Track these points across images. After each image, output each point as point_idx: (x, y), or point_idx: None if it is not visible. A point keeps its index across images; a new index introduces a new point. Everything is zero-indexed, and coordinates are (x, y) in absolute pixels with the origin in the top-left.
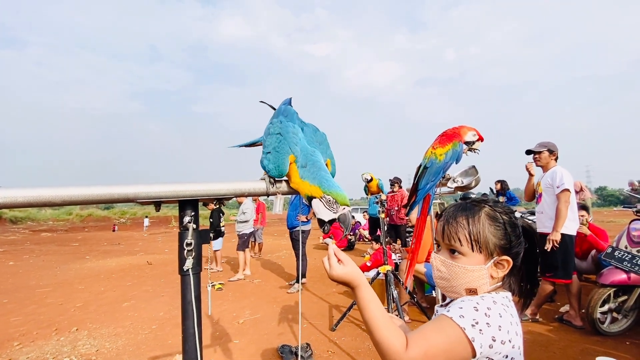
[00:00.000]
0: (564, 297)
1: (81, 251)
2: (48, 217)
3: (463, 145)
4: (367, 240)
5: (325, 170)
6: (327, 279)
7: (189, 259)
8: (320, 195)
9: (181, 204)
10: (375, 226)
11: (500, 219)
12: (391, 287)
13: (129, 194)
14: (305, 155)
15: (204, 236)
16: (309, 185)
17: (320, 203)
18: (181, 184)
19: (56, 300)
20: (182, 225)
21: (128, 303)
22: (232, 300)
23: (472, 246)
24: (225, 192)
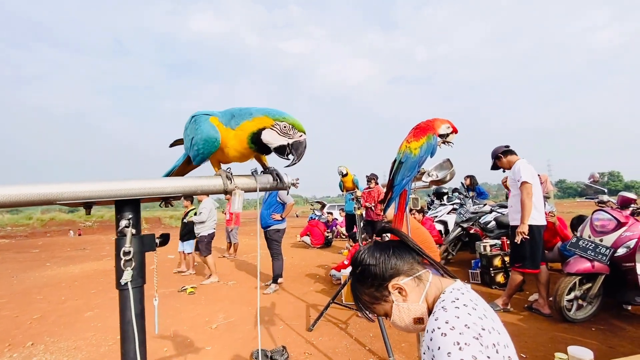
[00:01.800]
0: (532, 286)
1: (41, 258)
2: (6, 222)
3: (437, 138)
4: (344, 237)
5: (258, 106)
6: (304, 277)
7: (128, 270)
8: (270, 123)
9: (118, 205)
10: (351, 223)
11: (366, 271)
12: None
13: (50, 194)
14: (227, 112)
15: (147, 242)
16: (248, 122)
17: (273, 131)
18: (117, 182)
19: (11, 312)
20: (119, 230)
21: (91, 312)
22: (204, 304)
23: (376, 303)
24: (172, 191)
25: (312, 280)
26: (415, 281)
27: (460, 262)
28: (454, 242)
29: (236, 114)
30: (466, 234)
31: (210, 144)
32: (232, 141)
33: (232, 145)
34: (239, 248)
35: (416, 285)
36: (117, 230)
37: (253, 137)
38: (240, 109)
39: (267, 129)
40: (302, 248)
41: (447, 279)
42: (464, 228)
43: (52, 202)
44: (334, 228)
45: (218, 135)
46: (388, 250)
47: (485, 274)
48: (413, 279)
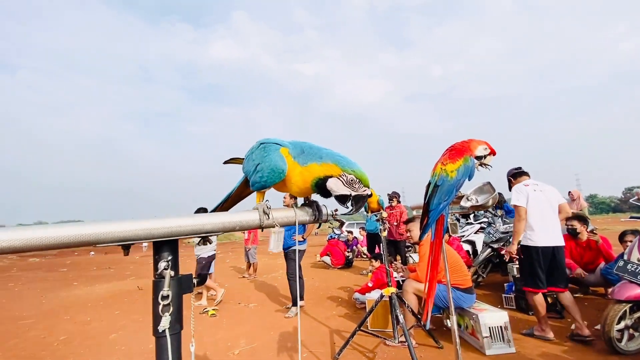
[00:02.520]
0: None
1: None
2: None
3: (474, 161)
4: (365, 257)
5: (328, 149)
6: (326, 300)
7: (166, 316)
8: (338, 173)
9: (156, 246)
10: (373, 242)
11: None
12: (396, 311)
13: (85, 235)
14: (297, 145)
15: (185, 284)
16: (317, 166)
17: (339, 181)
18: (155, 220)
19: (39, 333)
20: (157, 273)
21: (115, 335)
22: (226, 328)
23: None
24: (211, 228)
25: (335, 304)
26: None
27: (492, 285)
28: (484, 263)
29: (306, 151)
30: (497, 255)
31: (276, 175)
32: (296, 177)
33: (295, 181)
34: (259, 268)
35: None
36: (155, 272)
37: (318, 182)
38: (311, 147)
39: (333, 177)
40: (322, 268)
41: None
42: (494, 249)
43: (91, 244)
44: (355, 247)
45: (286, 167)
46: None
47: (520, 299)
48: None
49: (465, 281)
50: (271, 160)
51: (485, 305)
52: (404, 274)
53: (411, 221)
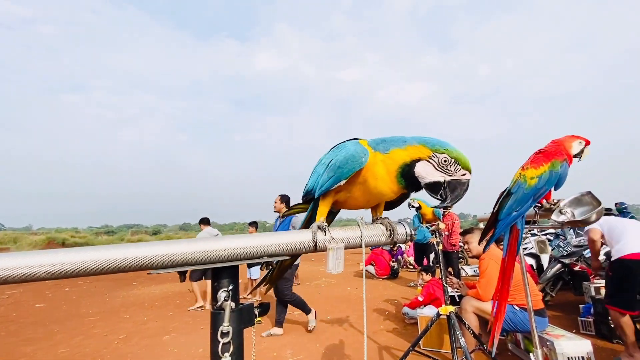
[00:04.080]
0: None
1: (129, 277)
2: (103, 242)
3: (566, 166)
4: (412, 268)
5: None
6: (372, 312)
7: (226, 357)
8: (428, 154)
9: (215, 273)
10: (421, 253)
11: None
12: (457, 332)
13: (139, 259)
14: (375, 138)
15: (246, 316)
16: (401, 150)
17: (430, 164)
18: (213, 241)
19: (102, 330)
20: (217, 304)
21: (168, 336)
22: (272, 337)
23: None
24: (275, 250)
25: (382, 317)
26: None
27: (562, 305)
28: (553, 280)
29: (387, 140)
30: (568, 271)
31: (356, 161)
32: (378, 167)
33: (376, 172)
34: (302, 274)
35: None
36: (213, 303)
37: (404, 170)
38: (391, 137)
39: (422, 160)
40: (367, 278)
41: None
42: (565, 264)
43: (145, 268)
44: (400, 257)
45: (367, 154)
46: None
47: (601, 324)
48: None
49: (536, 302)
50: (348, 150)
51: (561, 331)
52: (461, 290)
53: (469, 232)
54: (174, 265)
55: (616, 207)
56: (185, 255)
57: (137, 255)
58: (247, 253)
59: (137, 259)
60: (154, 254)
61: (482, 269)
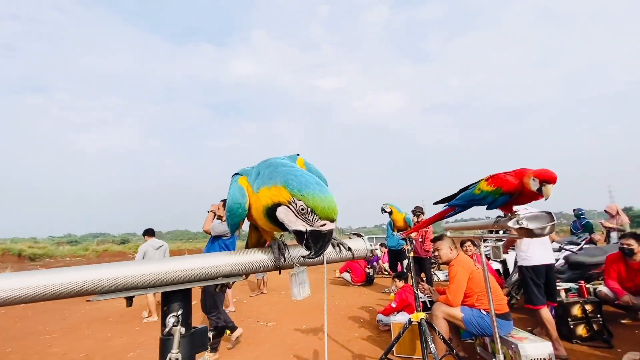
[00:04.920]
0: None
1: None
2: (65, 253)
3: (506, 198)
4: (386, 274)
5: (292, 165)
6: (347, 320)
7: None
8: (288, 199)
9: (165, 296)
10: (395, 259)
11: None
12: (428, 339)
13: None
14: (257, 167)
15: (198, 341)
16: (267, 190)
17: (290, 211)
18: (163, 263)
19: (60, 349)
20: (165, 331)
21: (134, 353)
22: (245, 350)
23: None
24: (230, 270)
25: (357, 325)
26: None
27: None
28: (518, 284)
29: (262, 172)
30: None
31: (235, 212)
32: (254, 209)
33: (253, 214)
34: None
35: None
36: (162, 329)
37: (269, 212)
38: (269, 165)
39: (282, 205)
40: (341, 285)
41: None
42: None
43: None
44: (375, 264)
45: (244, 200)
46: None
47: (562, 325)
48: None
49: (502, 306)
50: (230, 195)
51: (524, 333)
52: (432, 296)
53: (439, 239)
54: (120, 290)
55: (574, 212)
56: (132, 279)
57: (77, 280)
58: (201, 274)
59: (79, 283)
60: (97, 278)
61: (451, 275)
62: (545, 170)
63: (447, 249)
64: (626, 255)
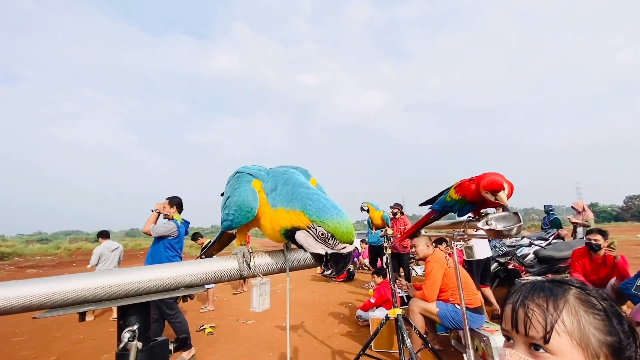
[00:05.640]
0: None
1: None
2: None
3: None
4: (367, 270)
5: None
6: (327, 317)
7: None
8: (306, 224)
9: (121, 310)
10: (375, 255)
11: (598, 304)
12: (404, 334)
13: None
14: (274, 177)
15: (159, 354)
16: (284, 212)
17: (309, 235)
18: (118, 274)
19: (29, 352)
20: (121, 346)
21: (107, 355)
22: (224, 348)
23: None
24: (191, 281)
25: (337, 321)
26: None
27: (499, 300)
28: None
29: (279, 187)
30: (504, 269)
31: (243, 214)
32: (266, 221)
33: (265, 226)
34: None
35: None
36: (118, 344)
37: (286, 233)
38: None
39: (301, 230)
40: (322, 282)
41: None
42: (501, 263)
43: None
44: (356, 260)
45: (256, 206)
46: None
47: None
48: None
49: (474, 300)
50: (240, 194)
51: (496, 326)
52: (409, 291)
53: (416, 236)
54: (71, 304)
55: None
56: (83, 292)
57: (22, 294)
58: (159, 286)
59: (23, 298)
60: (44, 292)
61: (427, 271)
62: (490, 181)
63: (423, 246)
64: (593, 250)
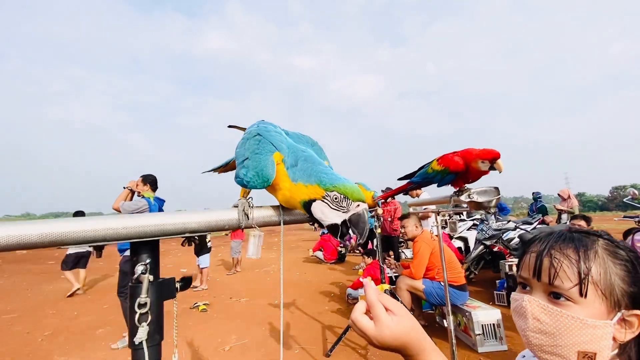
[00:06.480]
0: None
1: (57, 270)
2: None
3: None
4: (358, 252)
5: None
6: (318, 295)
7: (143, 326)
8: (321, 195)
9: (133, 247)
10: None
11: (624, 255)
12: None
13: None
14: (294, 153)
15: (166, 289)
16: (303, 187)
17: (324, 205)
18: (132, 218)
19: (23, 328)
20: (134, 277)
21: (102, 330)
22: (217, 324)
23: (588, 290)
24: (197, 227)
25: (327, 299)
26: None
27: (483, 281)
28: (476, 260)
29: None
30: (489, 252)
31: (259, 182)
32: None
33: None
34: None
35: (627, 339)
36: (131, 277)
37: (305, 206)
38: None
39: (317, 200)
40: (314, 263)
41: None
42: (487, 246)
43: (55, 245)
44: (348, 243)
45: (272, 177)
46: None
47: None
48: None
49: (459, 278)
50: (260, 162)
51: (478, 303)
52: (397, 270)
53: (405, 217)
54: (88, 241)
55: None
56: (106, 232)
57: (45, 231)
58: (169, 230)
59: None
60: (72, 230)
61: (415, 251)
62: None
63: (412, 226)
64: None
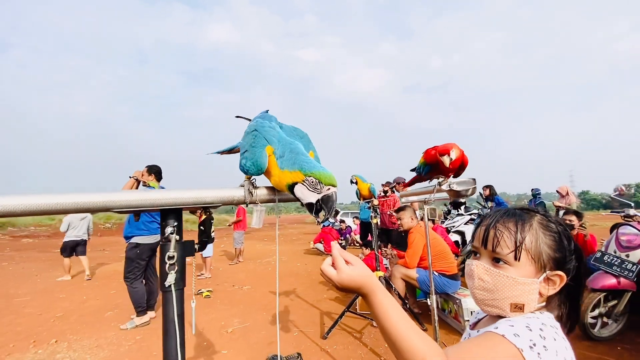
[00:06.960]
0: None
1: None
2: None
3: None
4: (358, 245)
5: (305, 154)
6: (318, 284)
7: (172, 273)
8: (301, 179)
9: (163, 214)
10: (366, 231)
11: (554, 228)
12: None
13: (102, 202)
14: (283, 145)
15: (188, 248)
16: (289, 173)
17: (303, 187)
18: (163, 192)
19: (35, 310)
20: (164, 236)
21: (111, 312)
22: (220, 309)
23: (521, 255)
24: (212, 200)
25: (326, 288)
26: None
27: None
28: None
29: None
30: None
31: (256, 170)
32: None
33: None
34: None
35: (549, 294)
36: (162, 237)
37: (289, 187)
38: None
39: (298, 184)
40: (315, 255)
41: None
42: None
43: (109, 209)
44: (348, 236)
45: (265, 166)
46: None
47: None
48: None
49: (451, 268)
50: (254, 154)
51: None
52: (393, 260)
53: (402, 209)
54: (131, 207)
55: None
56: (143, 202)
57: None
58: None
59: (104, 202)
60: (114, 199)
61: (410, 241)
62: (442, 146)
63: (408, 218)
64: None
